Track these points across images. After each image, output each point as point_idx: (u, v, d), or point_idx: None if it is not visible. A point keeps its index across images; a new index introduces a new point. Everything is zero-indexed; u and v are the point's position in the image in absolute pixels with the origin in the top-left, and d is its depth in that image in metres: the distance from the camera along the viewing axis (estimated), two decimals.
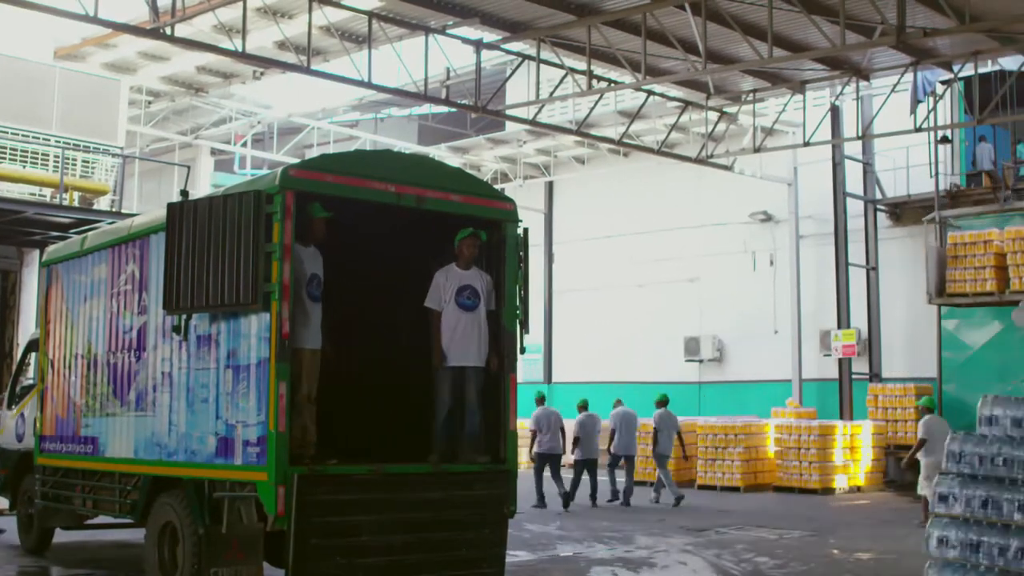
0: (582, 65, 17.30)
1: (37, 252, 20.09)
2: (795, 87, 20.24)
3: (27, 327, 20.04)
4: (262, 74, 22.46)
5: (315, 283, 8.27)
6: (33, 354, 12.17)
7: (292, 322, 7.74)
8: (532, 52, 18.12)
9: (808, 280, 24.49)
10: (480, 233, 8.69)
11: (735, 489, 20.18)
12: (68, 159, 19.81)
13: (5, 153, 19.38)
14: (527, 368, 27.83)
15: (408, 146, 29.39)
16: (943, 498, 6.45)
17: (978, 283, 20.34)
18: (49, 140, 19.83)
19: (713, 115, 21.89)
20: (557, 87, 19.17)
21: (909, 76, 18.95)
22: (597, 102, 21.16)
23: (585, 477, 17.40)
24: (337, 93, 26.42)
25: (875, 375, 23.33)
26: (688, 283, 26.39)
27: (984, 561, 6.23)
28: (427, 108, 28.75)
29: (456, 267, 8.71)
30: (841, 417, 22.45)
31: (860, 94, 21.45)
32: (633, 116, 21.73)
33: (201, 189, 23.97)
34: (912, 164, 23.12)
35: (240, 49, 16.11)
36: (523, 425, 14.72)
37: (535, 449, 17.04)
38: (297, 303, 7.94)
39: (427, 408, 8.76)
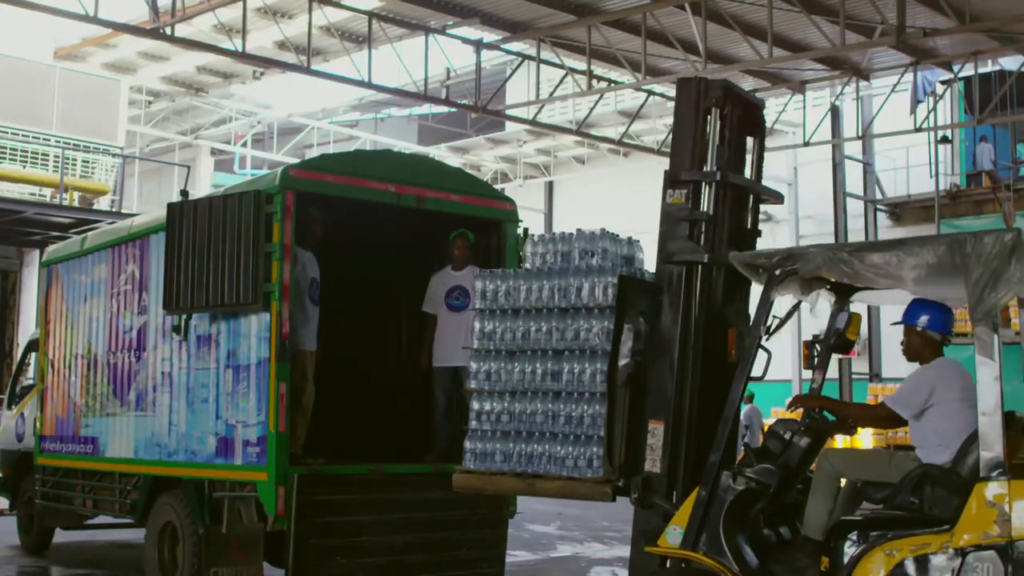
0: (582, 65, 17.31)
1: (37, 252, 20.09)
2: (795, 87, 20.24)
3: (27, 327, 20.04)
4: (262, 74, 22.48)
5: (315, 287, 8.35)
6: (33, 354, 12.16)
7: (293, 323, 7.74)
8: (532, 52, 18.13)
9: None
10: (468, 233, 8.70)
11: None
12: (68, 159, 19.82)
13: (5, 153, 19.40)
14: None
15: (408, 146, 29.40)
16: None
17: None
18: (49, 140, 19.85)
19: None
20: (557, 87, 19.18)
21: (909, 76, 18.96)
22: (597, 102, 21.17)
23: None
24: (337, 93, 26.45)
25: (875, 375, 23.34)
26: None
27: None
28: (427, 108, 28.75)
29: (451, 269, 8.74)
30: None
31: (860, 94, 21.45)
32: (633, 116, 21.74)
33: (201, 189, 23.97)
34: (912, 164, 23.13)
35: (240, 49, 16.13)
36: None
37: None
38: (298, 305, 7.96)
39: (427, 408, 8.77)
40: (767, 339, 5.78)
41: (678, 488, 5.80)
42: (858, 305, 6.66)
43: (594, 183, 28.89)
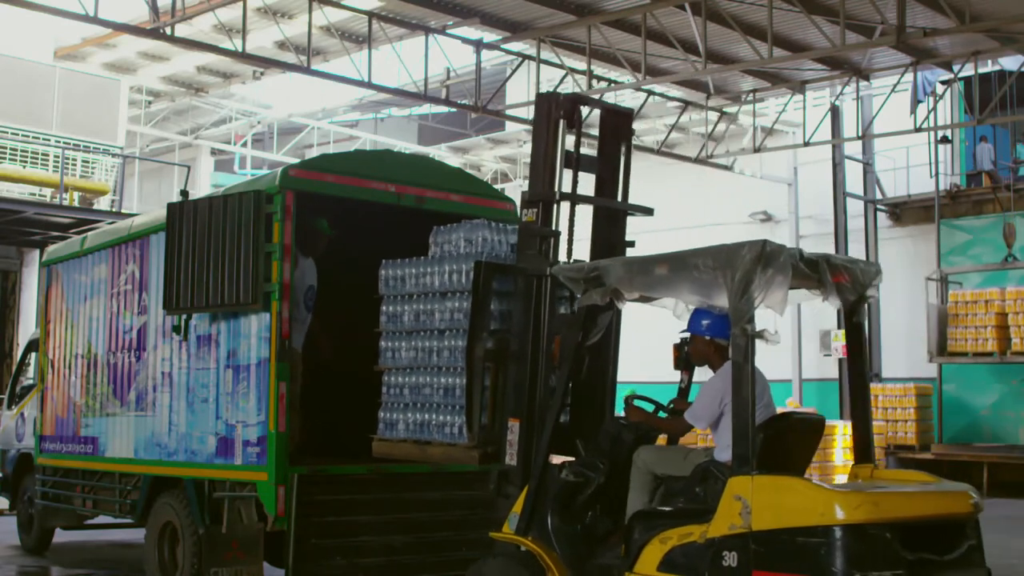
0: (582, 65, 17.30)
1: (37, 252, 20.10)
2: (795, 87, 20.24)
3: (27, 327, 20.05)
4: (262, 74, 22.46)
5: (311, 293, 8.40)
6: (33, 354, 12.17)
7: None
8: (532, 52, 18.12)
9: None
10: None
11: None
12: (68, 159, 19.83)
13: (5, 153, 19.40)
14: None
15: (408, 146, 29.40)
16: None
17: (979, 342, 20.31)
18: (49, 140, 19.85)
19: (713, 115, 21.89)
20: (557, 87, 19.16)
21: (909, 76, 18.95)
22: None
23: None
24: (337, 93, 26.42)
25: (875, 375, 23.32)
26: None
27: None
28: (427, 108, 28.73)
29: None
30: (841, 417, 22.39)
31: (860, 94, 21.43)
32: (633, 116, 21.72)
33: (201, 189, 23.98)
34: (912, 164, 23.11)
35: (240, 49, 16.11)
36: None
37: None
38: (295, 308, 7.98)
39: None
40: (585, 345, 6.20)
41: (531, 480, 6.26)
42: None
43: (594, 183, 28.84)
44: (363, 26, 17.17)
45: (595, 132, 7.55)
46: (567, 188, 6.93)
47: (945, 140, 22.54)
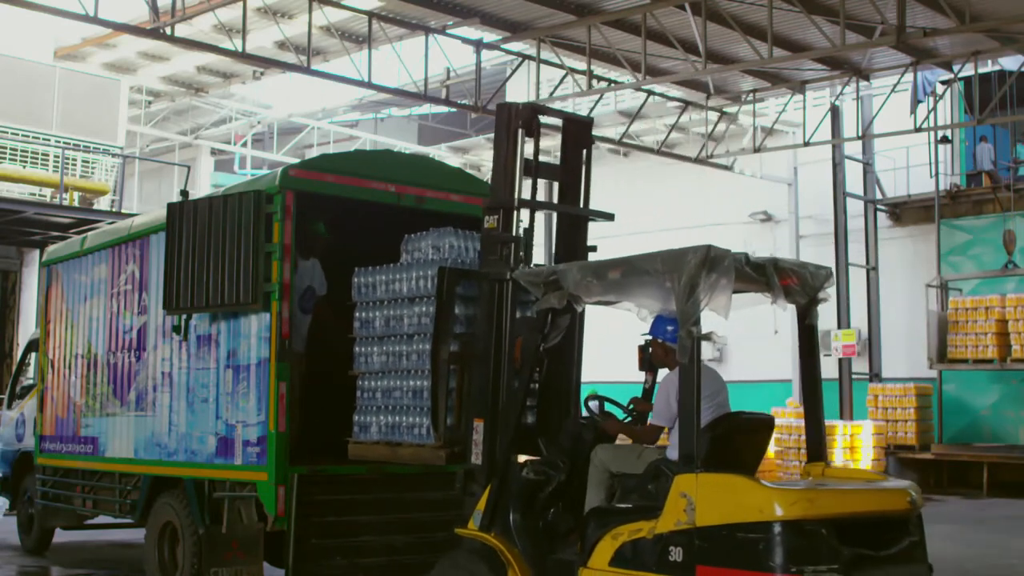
0: (582, 65, 17.30)
1: (37, 252, 20.11)
2: (795, 87, 20.24)
3: (27, 327, 20.06)
4: (262, 74, 22.47)
5: (309, 295, 8.41)
6: (33, 354, 12.16)
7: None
8: (532, 52, 18.11)
9: None
10: None
11: None
12: (68, 159, 19.83)
13: (5, 153, 19.40)
14: None
15: (408, 146, 29.39)
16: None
17: (979, 349, 20.30)
18: (49, 140, 19.86)
19: (713, 115, 21.89)
20: (557, 87, 19.18)
21: (909, 76, 18.94)
22: (597, 102, 21.17)
23: None
24: (337, 93, 26.43)
25: (875, 375, 23.32)
26: None
27: None
28: (427, 108, 28.74)
29: None
30: (841, 417, 22.43)
31: (860, 94, 21.43)
32: (633, 116, 21.73)
33: (201, 189, 23.99)
34: (912, 164, 23.11)
35: (240, 49, 16.11)
36: None
37: None
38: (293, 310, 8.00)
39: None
40: (544, 347, 6.38)
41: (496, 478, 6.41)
42: (857, 303, 6.77)
43: (594, 183, 28.68)
44: (363, 26, 17.17)
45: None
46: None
47: (945, 140, 22.53)
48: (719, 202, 25.78)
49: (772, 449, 20.78)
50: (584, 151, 7.38)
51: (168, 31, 15.27)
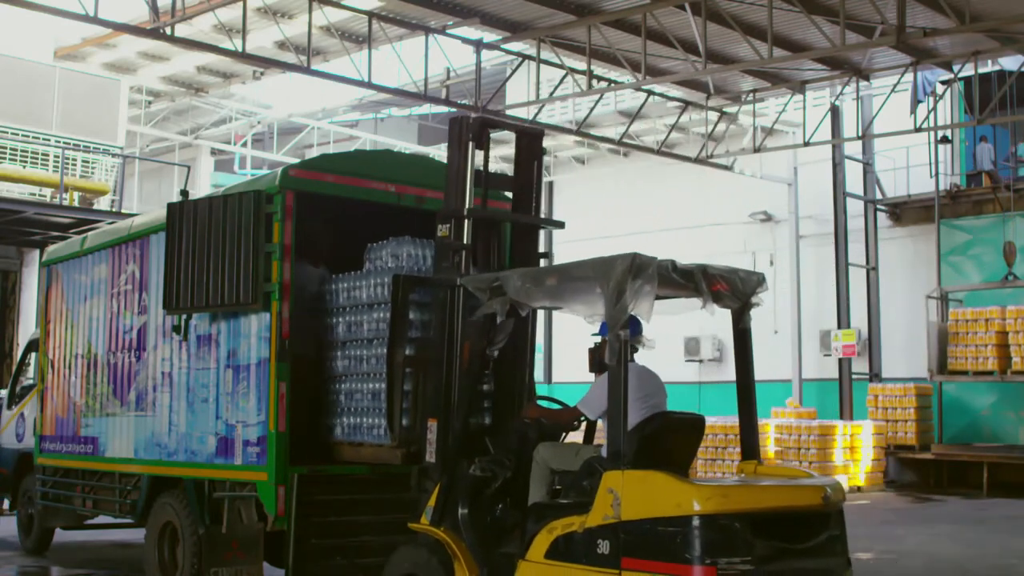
0: (582, 65, 17.30)
1: (37, 252, 20.11)
2: (795, 87, 20.23)
3: (27, 327, 20.06)
4: (262, 74, 22.45)
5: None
6: (33, 354, 12.17)
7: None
8: (532, 52, 18.11)
9: (808, 280, 24.48)
10: None
11: None
12: (68, 159, 19.83)
13: (5, 153, 19.40)
14: None
15: (408, 146, 29.39)
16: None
17: (979, 361, 20.25)
18: (49, 140, 19.85)
19: (713, 115, 21.89)
20: (557, 87, 19.17)
21: (909, 76, 18.94)
22: (597, 102, 21.16)
23: None
24: (337, 93, 26.42)
25: (875, 375, 23.32)
26: None
27: None
28: (427, 108, 28.72)
29: None
30: (841, 417, 22.45)
31: (860, 94, 21.44)
32: (633, 116, 21.73)
33: (201, 189, 23.99)
34: (912, 164, 23.11)
35: (240, 49, 16.11)
36: None
37: None
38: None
39: None
40: (494, 351, 6.68)
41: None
42: (857, 303, 6.80)
43: (594, 183, 28.88)
44: (363, 26, 17.17)
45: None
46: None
47: (945, 140, 22.53)
48: (719, 202, 25.79)
49: (772, 450, 20.79)
50: (536, 161, 7.61)
51: (168, 31, 15.26)
